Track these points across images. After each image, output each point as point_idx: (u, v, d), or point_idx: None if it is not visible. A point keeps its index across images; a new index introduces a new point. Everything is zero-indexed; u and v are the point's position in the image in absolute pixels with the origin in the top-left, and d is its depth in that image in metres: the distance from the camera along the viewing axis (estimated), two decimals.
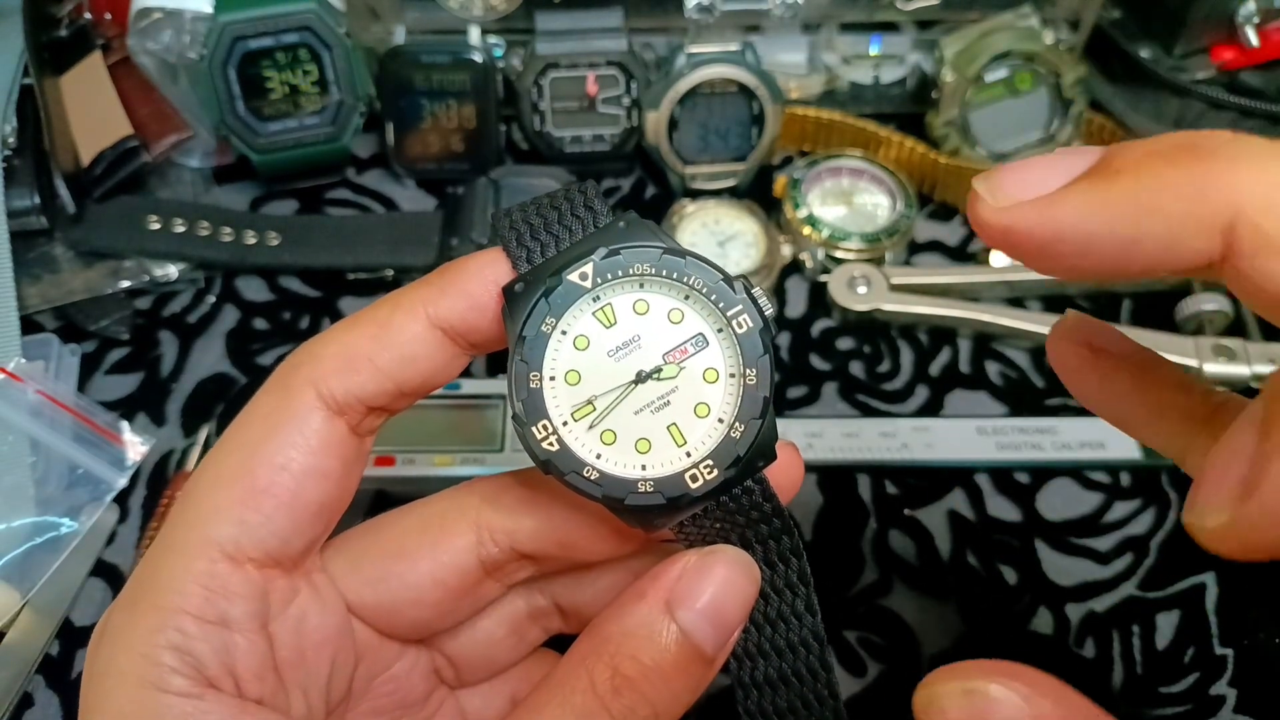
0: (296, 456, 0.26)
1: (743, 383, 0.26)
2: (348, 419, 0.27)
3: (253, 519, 0.25)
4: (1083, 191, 0.22)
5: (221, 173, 0.59)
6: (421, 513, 0.30)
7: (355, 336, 0.26)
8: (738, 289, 0.26)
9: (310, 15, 0.52)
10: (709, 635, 0.26)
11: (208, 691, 0.24)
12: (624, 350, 0.26)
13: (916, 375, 0.52)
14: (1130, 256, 0.21)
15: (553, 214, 0.27)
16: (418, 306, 0.26)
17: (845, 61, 0.61)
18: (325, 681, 0.28)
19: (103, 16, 0.59)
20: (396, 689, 0.31)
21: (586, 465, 0.25)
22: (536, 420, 0.25)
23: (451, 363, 0.27)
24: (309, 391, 0.26)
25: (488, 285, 0.26)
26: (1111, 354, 0.27)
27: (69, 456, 0.46)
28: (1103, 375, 0.27)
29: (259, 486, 0.25)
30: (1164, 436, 0.27)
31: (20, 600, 0.42)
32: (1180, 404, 0.26)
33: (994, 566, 0.45)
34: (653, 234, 0.27)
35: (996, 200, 0.23)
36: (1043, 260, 0.23)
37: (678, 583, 0.26)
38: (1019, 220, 0.22)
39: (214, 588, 0.25)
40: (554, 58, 0.56)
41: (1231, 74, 0.58)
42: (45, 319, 0.52)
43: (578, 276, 0.26)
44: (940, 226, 0.59)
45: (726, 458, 0.26)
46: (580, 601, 0.32)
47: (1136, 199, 0.21)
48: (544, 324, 0.26)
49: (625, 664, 0.25)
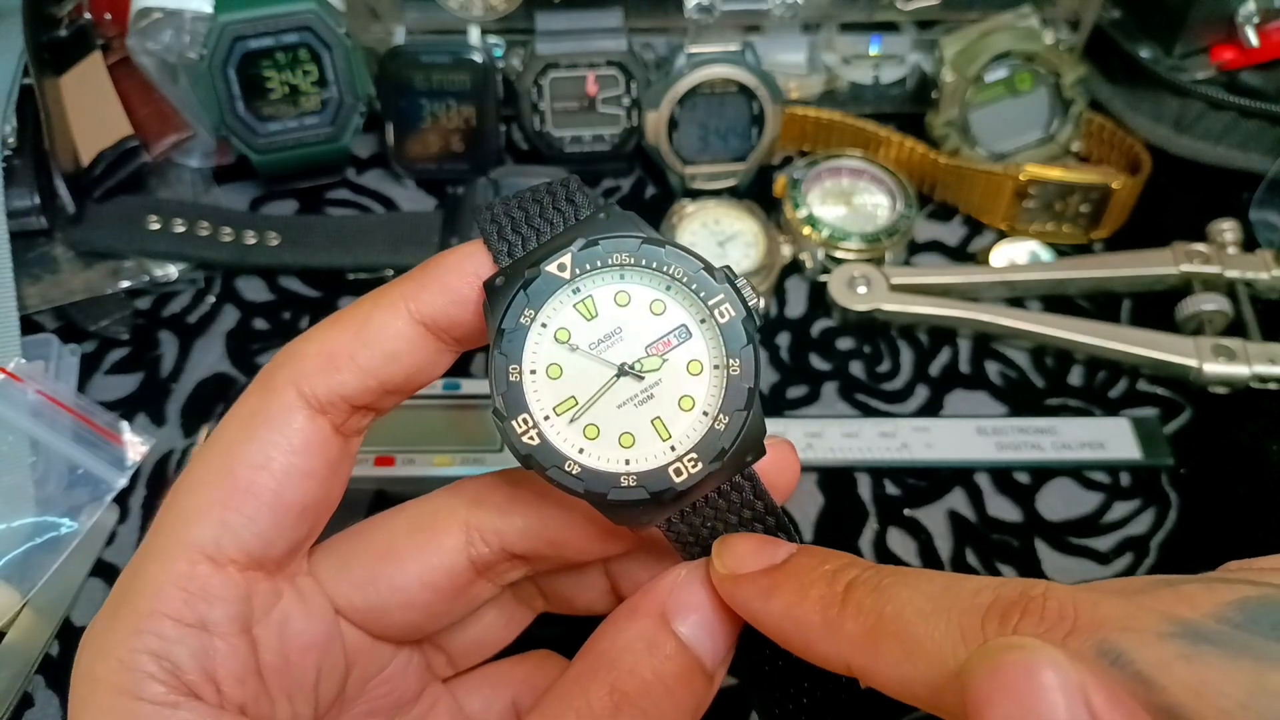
0: (277, 456, 0.25)
1: (726, 374, 0.26)
2: (331, 418, 0.26)
3: (234, 520, 0.25)
4: (819, 612, 0.23)
5: (221, 173, 0.59)
6: (410, 514, 0.29)
7: (336, 334, 0.26)
8: (719, 278, 0.26)
9: (310, 15, 0.52)
10: (709, 646, 0.26)
11: (185, 700, 0.24)
12: (606, 343, 0.26)
13: (916, 375, 0.52)
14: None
15: (534, 208, 0.27)
16: (398, 302, 0.26)
17: (845, 61, 0.61)
18: (312, 686, 0.27)
19: (103, 16, 0.59)
20: (391, 690, 0.30)
21: (568, 460, 0.25)
22: (517, 414, 0.25)
23: (436, 359, 0.27)
24: (290, 391, 0.26)
25: (468, 278, 0.26)
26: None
27: (69, 456, 0.46)
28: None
29: (240, 486, 0.25)
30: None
31: (20, 600, 0.42)
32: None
33: (994, 566, 0.45)
34: (634, 225, 0.26)
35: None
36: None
37: (672, 594, 0.26)
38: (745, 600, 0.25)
39: (193, 590, 0.24)
40: (554, 58, 0.56)
41: (1231, 74, 0.58)
42: (45, 319, 0.52)
43: (556, 268, 0.25)
44: (940, 226, 0.59)
45: (711, 451, 0.25)
46: (556, 578, 0.31)
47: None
48: (523, 316, 0.25)
49: (624, 680, 0.25)
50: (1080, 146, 0.60)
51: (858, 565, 0.24)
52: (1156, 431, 0.49)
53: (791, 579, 0.24)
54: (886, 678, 0.21)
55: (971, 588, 0.21)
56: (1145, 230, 0.57)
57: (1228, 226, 0.55)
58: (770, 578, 0.25)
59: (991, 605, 0.20)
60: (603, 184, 0.61)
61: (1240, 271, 0.53)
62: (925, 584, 0.22)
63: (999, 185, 0.56)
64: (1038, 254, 0.56)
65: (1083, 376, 0.52)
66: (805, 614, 0.23)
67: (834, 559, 0.25)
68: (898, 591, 0.22)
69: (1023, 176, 0.55)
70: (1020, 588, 0.20)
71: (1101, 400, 0.51)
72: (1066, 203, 0.56)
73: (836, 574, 0.24)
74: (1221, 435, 0.49)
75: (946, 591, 0.21)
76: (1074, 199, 0.56)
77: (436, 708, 0.31)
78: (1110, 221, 0.57)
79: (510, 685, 0.33)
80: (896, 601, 0.22)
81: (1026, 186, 0.55)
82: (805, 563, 0.25)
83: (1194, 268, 0.53)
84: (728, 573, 0.25)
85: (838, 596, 0.23)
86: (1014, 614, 0.20)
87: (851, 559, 0.24)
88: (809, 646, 0.23)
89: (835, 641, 0.23)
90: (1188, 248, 0.54)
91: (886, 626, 0.21)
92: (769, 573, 0.25)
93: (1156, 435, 0.49)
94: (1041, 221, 0.57)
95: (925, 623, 0.21)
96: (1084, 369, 0.52)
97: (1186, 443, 0.49)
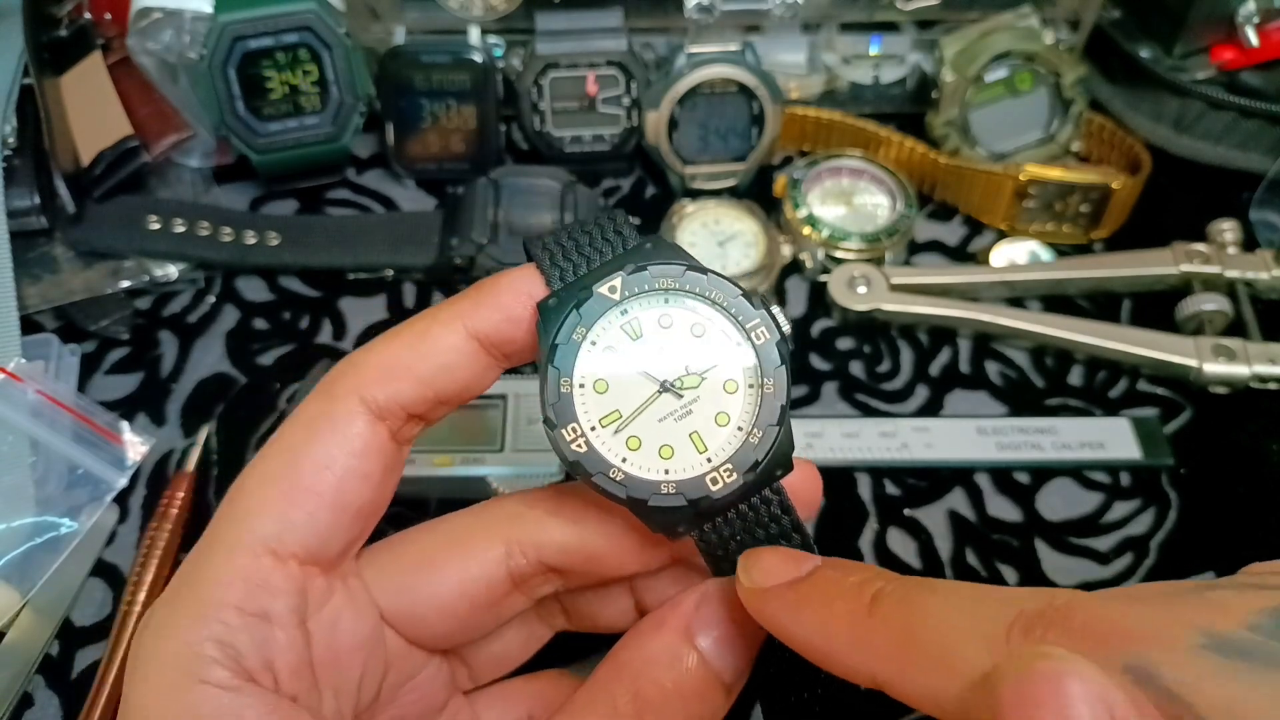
0: (340, 457, 0.27)
1: (761, 391, 0.27)
2: (389, 425, 0.28)
3: (296, 516, 0.26)
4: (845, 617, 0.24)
5: (221, 173, 0.59)
6: (452, 525, 0.31)
7: (396, 347, 0.28)
8: (756, 304, 0.28)
9: (310, 15, 0.52)
10: (729, 662, 0.27)
11: (247, 685, 0.24)
12: (649, 361, 0.28)
13: (916, 375, 0.52)
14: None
15: (584, 238, 0.29)
16: (455, 319, 0.28)
17: (845, 61, 0.61)
18: (356, 685, 0.28)
19: (103, 16, 0.59)
20: (420, 698, 0.31)
21: (612, 467, 0.27)
22: (566, 424, 0.27)
23: (486, 373, 0.29)
24: (353, 398, 0.27)
25: (521, 298, 0.28)
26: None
27: (69, 456, 0.46)
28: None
29: (303, 484, 0.26)
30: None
31: (20, 600, 0.42)
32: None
33: (994, 566, 0.45)
34: (677, 253, 0.28)
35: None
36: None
37: (697, 611, 0.27)
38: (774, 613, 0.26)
39: (257, 582, 0.25)
40: (554, 58, 0.56)
41: (1231, 74, 0.58)
42: (45, 319, 0.52)
43: (607, 290, 0.27)
44: (940, 226, 0.59)
45: (745, 462, 0.27)
46: (583, 597, 0.32)
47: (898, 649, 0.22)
48: (575, 333, 0.27)
49: (647, 688, 0.26)
50: (1080, 146, 0.60)
51: (884, 577, 0.24)
52: (1156, 431, 0.49)
53: (817, 592, 0.25)
54: (914, 689, 0.21)
55: (998, 598, 0.21)
56: (1145, 230, 0.57)
57: (1228, 226, 0.55)
58: (796, 591, 0.25)
59: (1017, 618, 0.20)
60: (603, 184, 0.61)
61: (1240, 271, 0.53)
62: (953, 595, 0.22)
63: (999, 185, 0.56)
64: (1038, 254, 0.57)
65: (1083, 376, 0.52)
66: (832, 627, 0.24)
67: (859, 571, 0.25)
68: (925, 603, 0.22)
69: (1023, 176, 0.55)
70: (1045, 599, 0.20)
71: (1101, 400, 0.51)
72: (1066, 203, 0.56)
73: (862, 586, 0.24)
74: (1221, 435, 0.49)
75: (974, 603, 0.21)
76: (1074, 199, 0.56)
77: (458, 718, 0.32)
78: (1110, 221, 0.57)
79: (525, 701, 0.33)
80: (923, 613, 0.22)
81: (1026, 186, 0.55)
82: (830, 575, 0.25)
83: (1194, 268, 0.54)
84: (754, 587, 0.26)
85: (864, 609, 0.23)
86: (1038, 626, 0.20)
87: (878, 571, 0.25)
88: (835, 659, 0.24)
89: (862, 654, 0.23)
90: (1188, 248, 0.54)
91: (914, 638, 0.22)
92: (795, 585, 0.25)
93: (1156, 435, 0.49)
94: (1041, 221, 0.57)
95: (953, 634, 0.21)
96: (1084, 369, 0.52)
97: (1186, 443, 0.49)
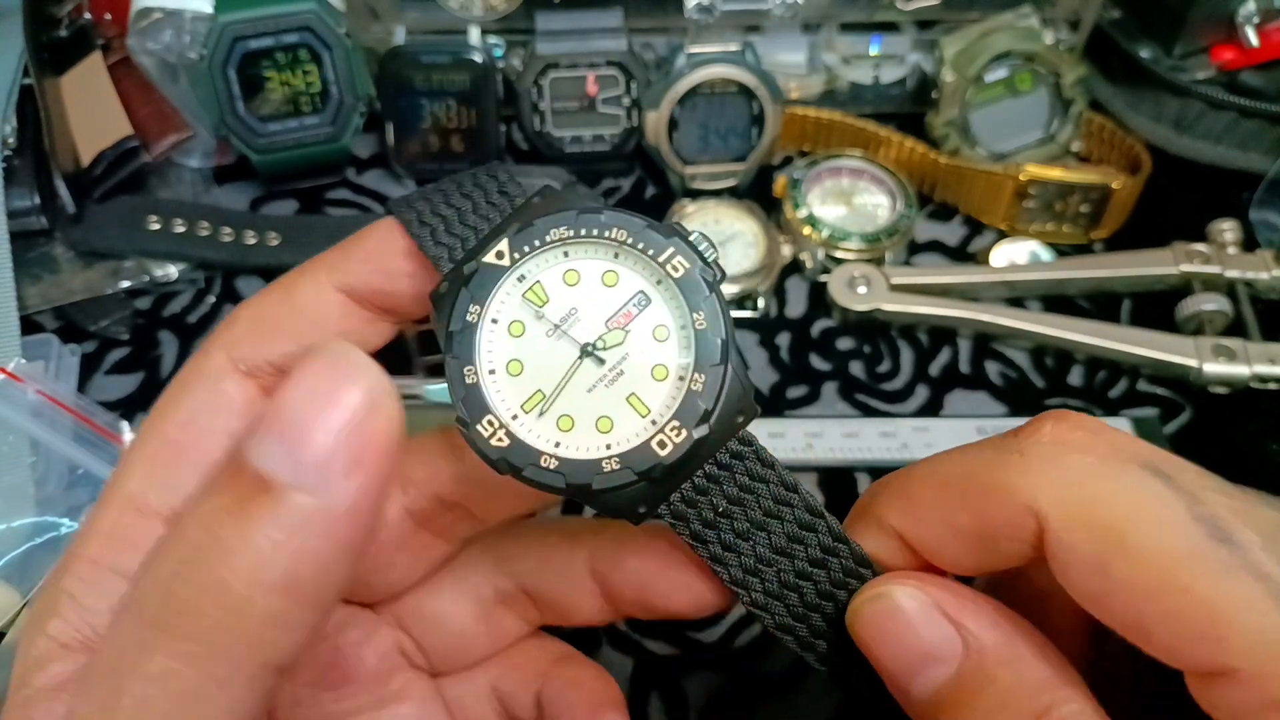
0: (204, 413, 0.26)
1: (693, 330, 0.24)
2: (259, 381, 0.27)
3: (158, 473, 0.26)
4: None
5: (221, 173, 0.59)
6: None
7: (264, 302, 0.27)
8: (665, 232, 0.24)
9: (310, 15, 0.52)
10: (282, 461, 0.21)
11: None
12: (562, 326, 0.24)
13: (916, 375, 0.52)
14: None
15: (465, 204, 0.25)
16: (320, 273, 0.27)
17: (845, 61, 0.61)
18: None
19: (103, 16, 0.59)
20: (338, 658, 0.30)
21: (543, 455, 0.23)
22: (480, 417, 0.23)
23: (366, 329, 0.28)
24: (220, 355, 0.27)
25: (390, 247, 0.26)
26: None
27: (69, 456, 0.46)
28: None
29: (169, 441, 0.26)
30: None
31: (20, 600, 0.42)
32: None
33: None
34: (573, 198, 0.25)
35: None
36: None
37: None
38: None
39: (117, 537, 0.25)
40: (554, 58, 0.56)
41: (1231, 74, 0.58)
42: (45, 319, 0.52)
43: (494, 256, 0.24)
44: (940, 226, 0.59)
45: (694, 414, 0.23)
46: (545, 585, 0.31)
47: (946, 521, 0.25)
48: (469, 314, 0.24)
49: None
50: (1080, 146, 0.60)
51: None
52: (1157, 431, 0.49)
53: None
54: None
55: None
56: (1145, 230, 0.57)
57: (1228, 226, 0.55)
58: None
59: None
60: (603, 184, 0.61)
61: (1240, 271, 0.53)
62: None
63: (999, 185, 0.56)
64: (1038, 254, 0.57)
65: (1083, 376, 0.52)
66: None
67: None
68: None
69: (1023, 176, 0.55)
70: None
71: (1101, 400, 0.51)
72: (1066, 203, 0.56)
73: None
74: (1221, 435, 0.49)
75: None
76: (1074, 199, 0.56)
77: (408, 690, 0.31)
78: (1110, 221, 0.57)
79: (489, 670, 0.32)
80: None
81: (1026, 186, 0.55)
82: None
83: (1194, 268, 0.53)
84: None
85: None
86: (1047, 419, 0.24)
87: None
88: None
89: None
90: (1188, 248, 0.54)
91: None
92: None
93: (1157, 435, 0.49)
94: (1041, 221, 0.57)
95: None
96: (1084, 369, 0.52)
97: (1186, 443, 0.49)
